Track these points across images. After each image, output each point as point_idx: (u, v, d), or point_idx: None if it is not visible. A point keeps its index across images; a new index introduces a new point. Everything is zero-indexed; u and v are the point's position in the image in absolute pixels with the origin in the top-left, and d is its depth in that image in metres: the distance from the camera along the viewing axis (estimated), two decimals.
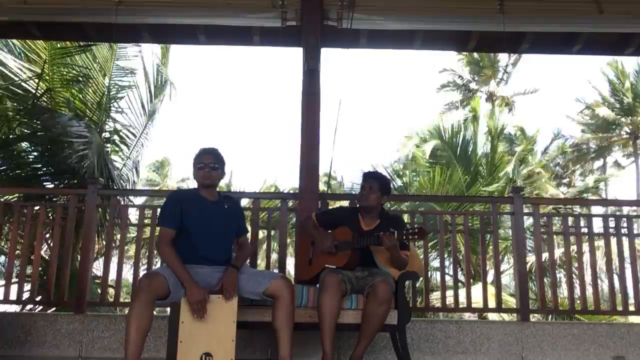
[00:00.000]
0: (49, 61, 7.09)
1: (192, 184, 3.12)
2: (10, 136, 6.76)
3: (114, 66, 7.94)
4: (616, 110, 22.47)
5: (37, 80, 6.88)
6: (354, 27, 4.42)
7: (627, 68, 21.61)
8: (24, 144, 7.18)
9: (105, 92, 7.77)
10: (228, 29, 4.73)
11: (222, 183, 12.83)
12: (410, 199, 8.32)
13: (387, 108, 62.22)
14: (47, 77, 7.14)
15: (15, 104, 7.05)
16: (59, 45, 7.15)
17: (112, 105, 7.94)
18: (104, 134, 7.70)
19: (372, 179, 3.34)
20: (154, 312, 2.71)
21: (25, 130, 6.97)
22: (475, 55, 22.79)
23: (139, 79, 8.17)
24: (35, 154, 7.16)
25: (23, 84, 7.01)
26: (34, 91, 6.89)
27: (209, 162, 2.97)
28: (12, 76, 6.91)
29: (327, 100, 4.29)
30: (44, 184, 6.99)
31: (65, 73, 7.48)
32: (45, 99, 7.03)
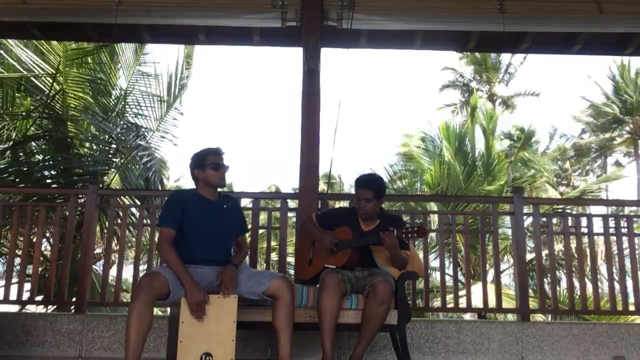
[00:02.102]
0: (63, 62, 7.08)
1: (186, 183, 3.09)
2: (25, 134, 6.76)
3: (135, 70, 7.99)
4: (618, 109, 22.41)
5: (51, 80, 6.87)
6: (354, 27, 4.41)
7: (631, 67, 21.50)
8: (34, 144, 7.19)
9: (121, 95, 7.79)
10: (228, 29, 4.73)
11: None
12: (411, 199, 8.30)
13: (388, 108, 62.25)
14: (60, 78, 7.13)
15: (31, 103, 7.05)
16: (73, 46, 7.13)
17: (126, 108, 7.96)
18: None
19: (365, 189, 3.24)
20: (154, 312, 2.71)
21: (37, 131, 6.98)
22: (477, 54, 22.74)
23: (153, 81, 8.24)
24: (40, 156, 7.17)
25: (37, 82, 7.01)
26: (47, 91, 6.89)
27: (223, 163, 2.97)
28: (27, 73, 6.92)
29: (327, 100, 4.29)
30: (53, 185, 6.99)
31: (79, 74, 7.49)
32: (59, 99, 7.03)
